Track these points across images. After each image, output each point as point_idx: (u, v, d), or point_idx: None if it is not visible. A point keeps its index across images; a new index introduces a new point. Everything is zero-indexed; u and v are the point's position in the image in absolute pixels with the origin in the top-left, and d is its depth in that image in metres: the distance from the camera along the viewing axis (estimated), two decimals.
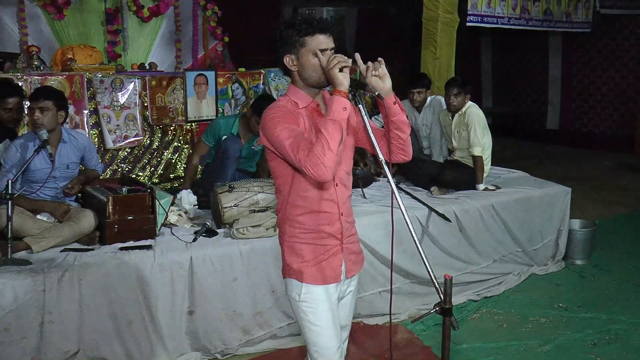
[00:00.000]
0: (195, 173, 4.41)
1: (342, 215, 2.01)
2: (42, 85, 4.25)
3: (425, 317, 1.81)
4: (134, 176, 4.58)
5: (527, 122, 10.77)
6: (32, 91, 3.55)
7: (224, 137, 4.17)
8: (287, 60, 1.94)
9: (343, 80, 1.82)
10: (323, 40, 1.90)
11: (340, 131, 1.79)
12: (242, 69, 5.52)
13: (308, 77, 1.93)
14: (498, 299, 3.97)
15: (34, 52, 4.90)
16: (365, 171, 4.57)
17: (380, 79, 1.88)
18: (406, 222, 1.77)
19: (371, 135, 1.90)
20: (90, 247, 3.14)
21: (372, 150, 2.01)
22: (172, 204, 3.57)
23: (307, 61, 1.91)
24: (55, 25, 5.87)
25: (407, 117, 2.01)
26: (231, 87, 5.15)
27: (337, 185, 1.99)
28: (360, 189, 4.21)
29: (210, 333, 3.13)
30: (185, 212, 3.67)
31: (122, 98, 4.65)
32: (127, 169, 4.71)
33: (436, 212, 3.82)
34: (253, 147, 4.22)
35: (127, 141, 4.69)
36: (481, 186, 4.32)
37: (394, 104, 1.93)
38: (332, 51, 1.92)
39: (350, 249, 2.08)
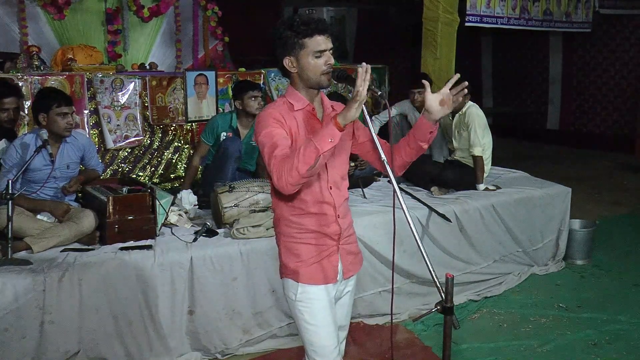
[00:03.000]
0: (195, 174, 4.41)
1: (338, 217, 2.02)
2: (42, 85, 4.25)
3: (426, 316, 1.81)
4: (135, 176, 4.58)
5: (527, 122, 10.78)
6: (49, 93, 3.47)
7: (223, 135, 4.18)
8: (287, 62, 1.94)
9: (353, 112, 1.73)
10: (322, 41, 1.90)
11: (315, 159, 1.72)
12: (242, 69, 5.52)
13: (307, 79, 1.94)
14: (498, 299, 3.97)
15: (34, 52, 4.90)
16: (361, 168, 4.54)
17: (442, 104, 1.85)
18: (408, 222, 1.77)
19: (374, 136, 1.89)
20: (90, 247, 3.14)
21: (369, 159, 2.02)
22: (173, 204, 3.57)
23: (307, 63, 1.91)
24: (55, 25, 5.88)
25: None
26: (231, 87, 5.15)
27: (330, 189, 2.00)
28: (360, 189, 4.21)
29: (211, 333, 3.13)
30: (186, 212, 3.67)
31: (123, 98, 4.66)
32: (127, 169, 4.71)
33: (436, 212, 3.82)
34: (252, 142, 4.22)
35: (127, 141, 4.69)
36: (481, 186, 4.32)
37: (430, 133, 1.92)
38: (331, 52, 1.92)
39: (347, 249, 2.08)
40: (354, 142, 2.10)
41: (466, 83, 1.86)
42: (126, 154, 4.74)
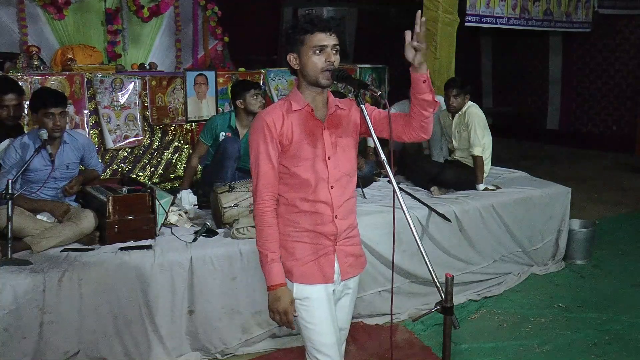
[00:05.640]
0: (194, 174, 4.41)
1: (336, 217, 2.00)
2: (42, 85, 4.25)
3: (426, 316, 1.81)
4: (134, 176, 4.58)
5: (527, 122, 10.77)
6: (39, 93, 3.48)
7: (222, 135, 4.18)
8: (290, 58, 1.96)
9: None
10: (323, 38, 1.90)
11: (260, 254, 1.99)
12: (242, 69, 5.52)
13: (308, 76, 1.94)
14: (498, 299, 3.97)
15: (34, 52, 4.90)
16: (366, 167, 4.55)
17: (416, 50, 1.84)
18: (408, 222, 1.77)
19: (374, 136, 1.89)
20: (90, 247, 3.14)
21: (388, 135, 1.99)
22: (172, 204, 3.57)
23: (308, 59, 1.92)
24: (55, 25, 5.88)
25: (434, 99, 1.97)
26: (231, 87, 5.15)
27: (331, 188, 1.99)
28: (360, 189, 4.21)
29: (210, 333, 3.13)
30: (185, 212, 3.67)
31: (122, 98, 4.65)
32: (127, 169, 4.71)
33: (436, 212, 3.82)
34: None
35: (127, 141, 4.69)
36: (481, 186, 4.32)
37: (424, 82, 1.90)
38: (335, 49, 1.92)
39: (346, 251, 2.06)
40: (362, 129, 2.08)
41: (418, 12, 1.88)
42: (126, 154, 4.74)
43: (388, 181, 3.59)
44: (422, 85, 1.91)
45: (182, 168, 4.92)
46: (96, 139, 4.56)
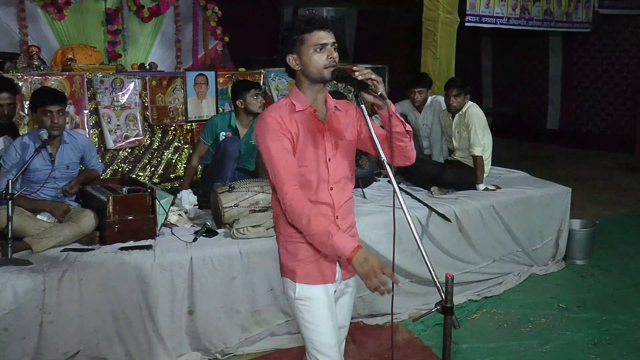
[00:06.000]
0: (194, 174, 4.41)
1: (337, 218, 2.01)
2: (42, 85, 4.25)
3: (426, 316, 1.81)
4: (134, 176, 4.58)
5: (527, 122, 10.77)
6: (37, 92, 3.48)
7: (223, 135, 4.18)
8: (290, 59, 1.96)
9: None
10: (323, 36, 1.91)
11: (317, 245, 1.89)
12: (242, 69, 5.52)
13: (310, 74, 1.94)
14: (498, 299, 3.97)
15: (34, 52, 4.90)
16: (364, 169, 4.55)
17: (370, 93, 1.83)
18: (408, 222, 1.77)
19: (374, 136, 1.89)
20: (90, 247, 3.14)
21: (375, 153, 2.00)
22: (172, 204, 3.57)
23: (308, 57, 1.91)
24: (55, 25, 5.89)
25: (406, 120, 1.98)
26: (231, 87, 5.15)
27: (331, 189, 1.99)
28: (360, 189, 4.21)
29: (210, 333, 3.13)
30: (186, 212, 3.67)
31: (123, 98, 4.65)
32: (127, 169, 4.71)
33: (436, 212, 3.82)
34: (251, 142, 4.22)
35: (127, 141, 4.68)
36: (481, 186, 4.32)
37: (391, 117, 1.90)
38: (334, 46, 1.92)
39: None
40: (358, 136, 2.09)
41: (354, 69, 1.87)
42: (126, 154, 4.74)
43: (388, 181, 3.59)
44: (391, 121, 1.91)
45: (182, 168, 4.92)
46: (96, 139, 4.56)
